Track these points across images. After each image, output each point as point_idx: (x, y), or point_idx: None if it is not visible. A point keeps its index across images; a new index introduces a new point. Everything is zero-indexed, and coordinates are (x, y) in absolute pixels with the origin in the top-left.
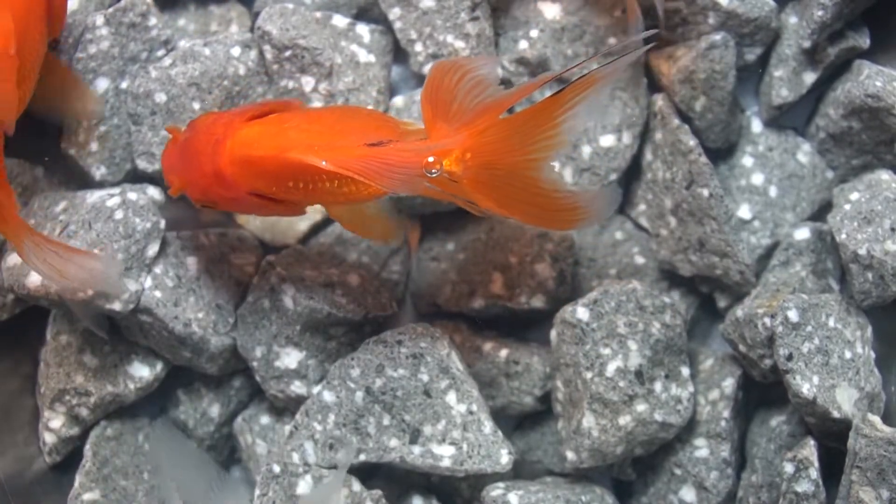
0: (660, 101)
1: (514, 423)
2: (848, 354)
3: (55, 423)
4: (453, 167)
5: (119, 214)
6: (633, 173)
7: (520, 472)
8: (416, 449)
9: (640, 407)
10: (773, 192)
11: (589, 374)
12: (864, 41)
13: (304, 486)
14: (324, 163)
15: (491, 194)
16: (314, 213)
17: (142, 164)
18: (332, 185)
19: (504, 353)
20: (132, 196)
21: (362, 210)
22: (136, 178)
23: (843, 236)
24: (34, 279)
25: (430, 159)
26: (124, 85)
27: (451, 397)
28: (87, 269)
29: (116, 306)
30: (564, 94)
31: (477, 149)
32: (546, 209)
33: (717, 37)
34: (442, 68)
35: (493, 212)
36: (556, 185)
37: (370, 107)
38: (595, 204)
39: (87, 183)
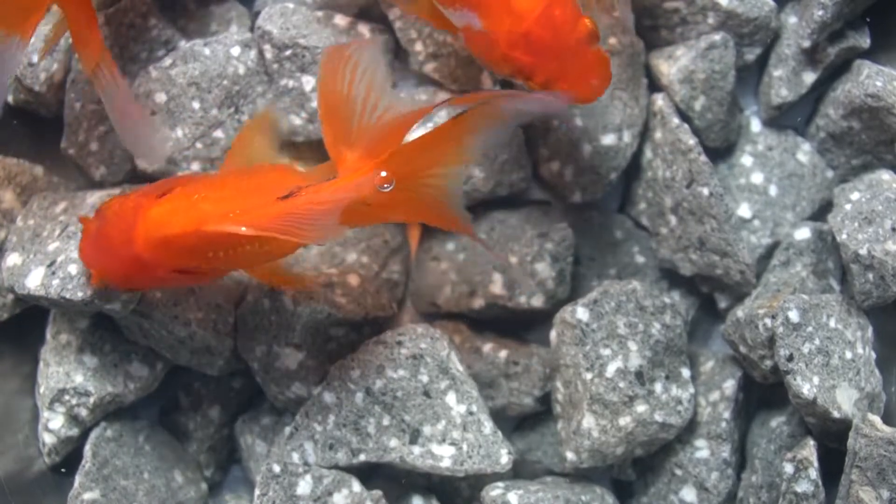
0: (660, 100)
1: (514, 423)
2: (848, 355)
3: (55, 424)
4: (366, 195)
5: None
6: (633, 172)
7: (519, 472)
8: (416, 449)
9: (641, 408)
10: (773, 191)
11: (589, 375)
12: (864, 41)
13: (304, 487)
14: (243, 228)
15: (402, 210)
16: None
17: (141, 164)
18: (253, 247)
19: (504, 353)
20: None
21: (283, 266)
22: (136, 178)
23: (844, 236)
24: (34, 279)
25: (383, 174)
26: None
27: (451, 398)
28: (140, 125)
29: (116, 306)
30: (466, 120)
31: (387, 177)
32: (446, 220)
33: (717, 37)
34: (328, 80)
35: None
36: (451, 199)
37: None
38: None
39: (87, 183)
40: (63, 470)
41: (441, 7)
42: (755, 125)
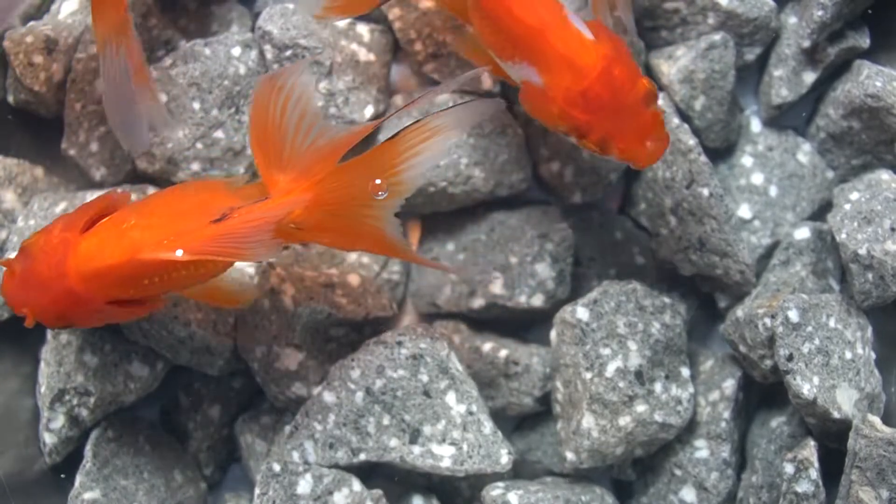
0: (659, 100)
1: (514, 423)
2: (848, 355)
3: (55, 424)
4: (297, 218)
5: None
6: (632, 173)
7: (520, 472)
8: (416, 449)
9: (640, 407)
10: (773, 191)
11: (589, 375)
12: (864, 41)
13: (304, 486)
14: (179, 253)
15: (334, 236)
16: None
17: (141, 164)
18: (188, 271)
19: (504, 353)
20: (132, 197)
21: (215, 283)
22: (136, 178)
23: (844, 236)
24: None
25: (378, 181)
26: None
27: (451, 398)
28: (131, 110)
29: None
30: (398, 142)
31: (318, 200)
32: (381, 242)
33: (717, 37)
34: (260, 108)
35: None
36: (386, 222)
37: (370, 106)
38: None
39: (87, 183)
40: (63, 472)
41: (499, 59)
42: (755, 125)
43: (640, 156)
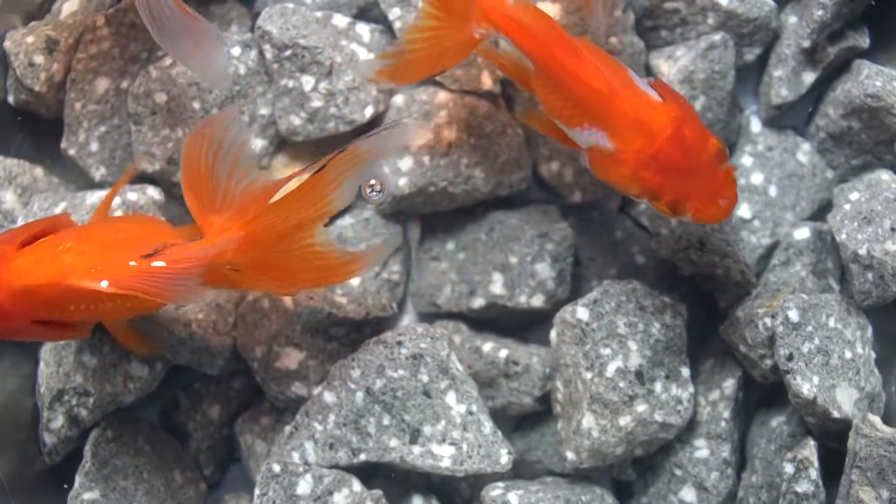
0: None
1: (514, 423)
2: (848, 354)
3: (55, 424)
4: (233, 258)
5: (119, 214)
6: None
7: (520, 472)
8: (416, 449)
9: (641, 407)
10: (772, 191)
11: (589, 375)
12: (864, 41)
13: (304, 486)
14: (104, 284)
15: (273, 274)
16: None
17: (142, 164)
18: (115, 303)
19: (504, 353)
20: (132, 196)
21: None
22: (136, 178)
23: (844, 236)
24: None
25: (372, 181)
26: (125, 85)
27: (451, 398)
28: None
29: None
30: (326, 173)
31: (253, 239)
32: (325, 270)
33: (717, 37)
34: (192, 152)
35: (274, 293)
36: (332, 245)
37: (370, 106)
38: (373, 252)
39: (87, 183)
40: (63, 472)
41: (566, 128)
42: (755, 125)
43: (715, 215)
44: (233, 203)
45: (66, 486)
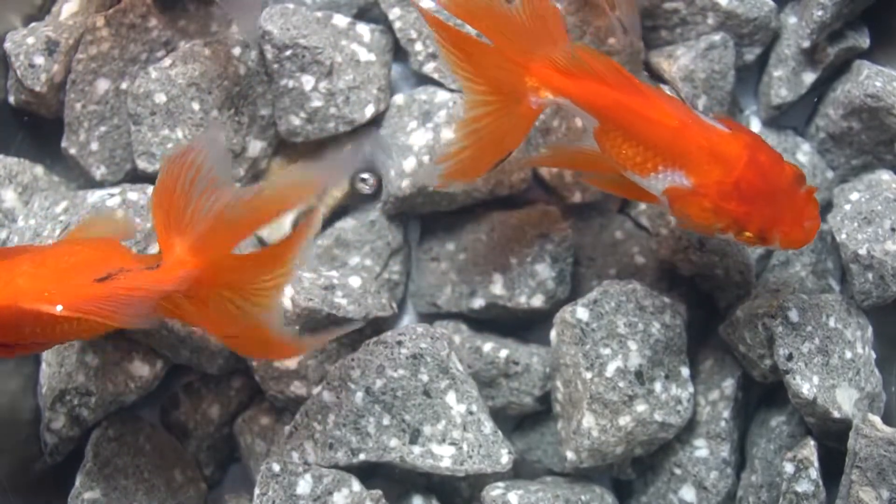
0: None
1: (514, 423)
2: (848, 354)
3: (56, 424)
4: (184, 291)
5: (119, 214)
6: None
7: (519, 471)
8: (417, 449)
9: (640, 407)
10: None
11: (589, 375)
12: (864, 41)
13: (303, 486)
14: (59, 308)
15: (215, 319)
16: None
17: (142, 164)
18: (69, 326)
19: (504, 353)
20: (132, 196)
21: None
22: (136, 178)
23: (844, 236)
24: None
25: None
26: (124, 85)
27: (451, 397)
28: None
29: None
30: (294, 240)
31: (208, 278)
32: (261, 343)
33: (717, 37)
34: (171, 169)
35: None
36: (277, 323)
37: (370, 106)
38: (312, 341)
39: (88, 182)
40: (64, 472)
41: (639, 178)
42: (755, 125)
43: (801, 240)
44: (199, 228)
45: (63, 475)
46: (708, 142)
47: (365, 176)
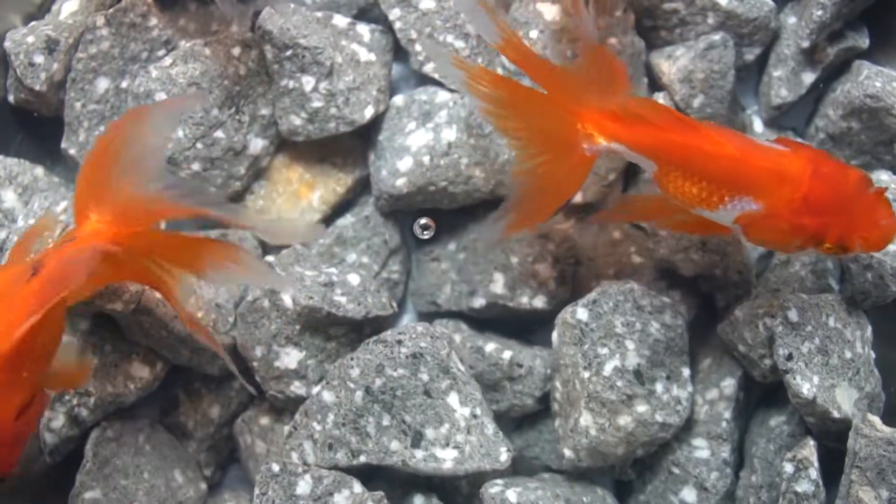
0: (660, 99)
1: (515, 423)
2: (848, 354)
3: (56, 424)
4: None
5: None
6: (632, 172)
7: (518, 468)
8: (419, 453)
9: (641, 408)
10: None
11: (587, 374)
12: (864, 41)
13: (303, 487)
14: (31, 321)
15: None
16: (313, 211)
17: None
18: (48, 331)
19: (507, 354)
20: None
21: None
22: None
23: None
24: None
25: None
26: (124, 84)
27: (454, 399)
28: None
29: (118, 306)
30: (217, 246)
31: (127, 249)
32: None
33: (716, 37)
34: (104, 140)
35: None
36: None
37: (370, 107)
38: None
39: None
40: (63, 472)
41: (709, 213)
42: (757, 124)
43: (880, 240)
44: (117, 202)
45: (62, 475)
46: (770, 163)
47: (423, 221)
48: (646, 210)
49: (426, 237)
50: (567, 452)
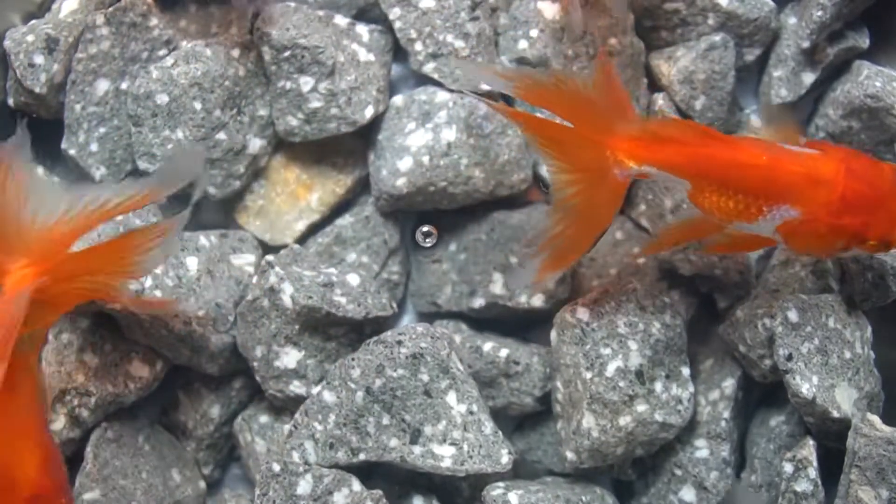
0: (660, 100)
1: (514, 423)
2: (847, 354)
3: (56, 426)
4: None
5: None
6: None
7: (519, 471)
8: (417, 449)
9: (641, 407)
10: None
11: (589, 375)
12: (864, 41)
13: (304, 486)
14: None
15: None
16: (312, 212)
17: (142, 164)
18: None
19: (504, 352)
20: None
21: None
22: (137, 177)
23: None
24: None
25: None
26: (124, 86)
27: (452, 397)
28: None
29: (118, 306)
30: (135, 236)
31: (58, 278)
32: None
33: (717, 37)
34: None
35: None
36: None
37: (370, 107)
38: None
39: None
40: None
41: (747, 225)
42: (756, 124)
43: None
44: (25, 241)
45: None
46: (803, 167)
47: (426, 229)
48: (689, 232)
49: (428, 245)
50: (569, 455)
